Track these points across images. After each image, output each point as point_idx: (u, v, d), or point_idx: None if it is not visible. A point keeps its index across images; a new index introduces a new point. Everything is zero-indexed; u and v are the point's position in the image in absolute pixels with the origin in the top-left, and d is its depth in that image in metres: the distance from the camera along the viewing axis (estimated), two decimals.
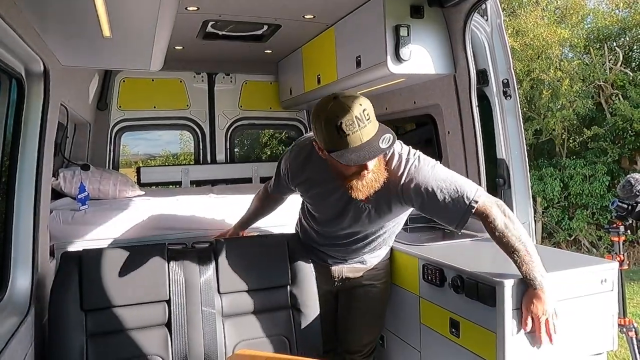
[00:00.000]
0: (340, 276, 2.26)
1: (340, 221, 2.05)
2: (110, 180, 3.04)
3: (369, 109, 1.67)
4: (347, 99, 1.66)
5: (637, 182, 2.30)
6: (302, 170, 2.01)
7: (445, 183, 1.81)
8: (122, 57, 2.00)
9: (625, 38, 9.72)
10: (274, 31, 3.38)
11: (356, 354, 2.33)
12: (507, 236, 1.74)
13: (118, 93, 3.99)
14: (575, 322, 1.81)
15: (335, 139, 1.65)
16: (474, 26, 2.60)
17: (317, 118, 1.70)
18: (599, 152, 8.79)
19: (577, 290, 1.83)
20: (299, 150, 2.04)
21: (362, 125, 1.63)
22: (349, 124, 1.62)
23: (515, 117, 2.60)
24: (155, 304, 1.96)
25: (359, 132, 1.63)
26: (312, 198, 2.08)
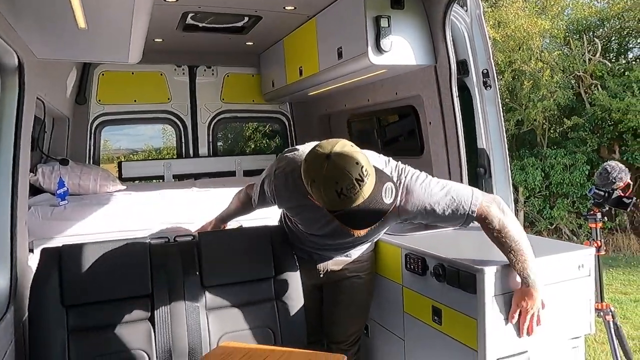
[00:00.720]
0: (325, 270, 2.27)
1: (331, 239, 2.06)
2: (90, 175, 3.00)
3: (365, 163, 1.56)
4: (342, 159, 1.54)
5: (614, 169, 2.34)
6: (293, 199, 1.93)
7: (441, 197, 1.81)
8: (99, 49, 1.97)
9: (604, 29, 9.87)
10: (254, 23, 3.35)
11: (342, 344, 2.35)
12: (504, 236, 1.76)
13: (97, 87, 3.93)
14: (554, 307, 1.84)
15: (337, 202, 1.56)
16: (454, 17, 2.61)
17: (312, 182, 1.59)
18: (579, 141, 8.93)
19: (555, 276, 1.86)
20: (284, 178, 1.92)
21: (363, 184, 1.54)
22: (349, 188, 1.53)
23: (495, 107, 2.63)
24: (138, 298, 1.95)
25: (360, 192, 1.54)
26: (303, 220, 2.05)
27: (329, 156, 1.55)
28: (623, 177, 2.33)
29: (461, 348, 1.84)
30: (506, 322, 1.76)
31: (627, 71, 8.84)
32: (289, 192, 1.91)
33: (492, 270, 1.75)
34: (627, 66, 9.34)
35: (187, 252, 2.06)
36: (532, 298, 1.73)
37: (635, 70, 8.62)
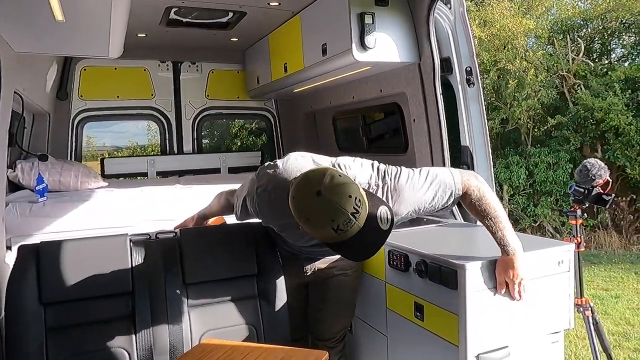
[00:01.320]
0: (312, 269, 2.25)
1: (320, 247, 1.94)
2: (71, 171, 2.96)
3: (357, 193, 1.51)
4: (334, 194, 1.48)
5: (593, 166, 2.37)
6: (277, 216, 1.87)
7: (428, 189, 1.80)
8: (78, 42, 1.93)
9: (587, 29, 10.00)
10: (239, 18, 3.33)
11: (328, 341, 2.34)
12: (484, 204, 1.78)
13: (79, 82, 3.87)
14: (534, 302, 1.86)
15: (333, 237, 1.51)
16: (438, 14, 2.62)
17: (306, 220, 1.52)
18: (562, 140, 9.03)
19: (536, 272, 1.88)
20: (267, 196, 1.84)
21: (358, 215, 1.49)
22: (346, 222, 1.47)
23: (479, 105, 2.64)
24: (118, 296, 1.92)
25: (356, 223, 1.49)
26: (289, 236, 2.00)
27: (319, 192, 1.48)
28: (602, 175, 2.36)
29: (443, 344, 1.86)
30: (487, 318, 1.77)
31: (610, 71, 8.96)
32: (273, 211, 1.85)
33: (473, 266, 1.77)
34: (609, 66, 9.47)
35: (169, 249, 2.04)
36: (514, 267, 1.75)
37: (617, 70, 8.75)
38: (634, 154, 8.17)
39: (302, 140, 4.30)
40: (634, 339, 4.21)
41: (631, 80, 8.54)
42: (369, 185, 1.78)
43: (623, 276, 6.41)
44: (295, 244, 2.07)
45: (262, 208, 1.88)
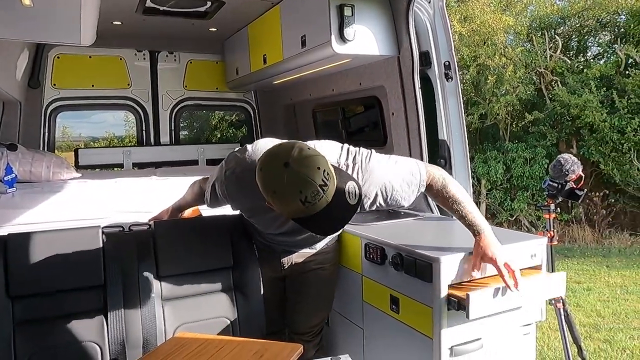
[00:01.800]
0: (289, 262, 2.23)
1: (290, 236, 2.02)
2: (43, 162, 2.89)
3: (325, 166, 1.48)
4: (302, 166, 1.44)
5: (567, 162, 2.41)
6: (246, 199, 1.85)
7: (396, 171, 1.81)
8: (47, 29, 1.86)
9: (565, 27, 10.16)
10: (218, 8, 3.28)
11: (305, 335, 2.34)
12: (449, 190, 1.82)
13: (52, 70, 3.77)
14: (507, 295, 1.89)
15: (301, 210, 1.47)
16: (417, 8, 2.62)
17: (273, 194, 1.48)
18: (539, 136, 9.18)
19: None
20: (236, 179, 1.82)
21: (326, 188, 1.46)
22: (314, 195, 1.44)
23: (456, 99, 2.66)
24: (90, 289, 1.88)
25: (324, 197, 1.46)
26: (259, 222, 1.99)
27: (287, 164, 1.44)
28: (575, 170, 2.40)
29: (417, 336, 1.87)
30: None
31: (586, 69, 9.13)
32: (242, 193, 1.83)
33: (448, 259, 1.78)
34: (585, 64, 9.65)
35: (143, 242, 2.01)
36: (489, 243, 1.75)
37: (593, 68, 8.92)
38: (607, 150, 8.36)
39: (282, 132, 4.27)
40: (604, 330, 4.32)
41: (606, 77, 8.71)
42: (339, 164, 1.76)
43: (595, 269, 6.57)
44: (265, 231, 2.05)
45: (231, 191, 1.86)
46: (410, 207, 2.71)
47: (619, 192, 8.74)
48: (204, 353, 1.54)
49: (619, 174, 8.34)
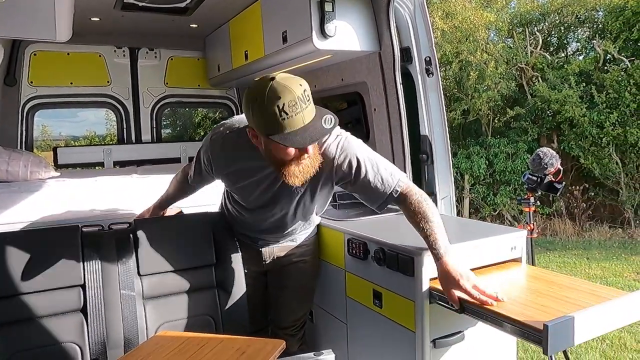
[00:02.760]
0: (271, 256, 2.25)
1: (272, 209, 2.00)
2: (20, 161, 2.82)
3: (308, 90, 1.56)
4: (286, 80, 1.53)
5: (545, 155, 2.45)
6: (230, 162, 1.88)
7: (375, 162, 1.81)
8: (21, 24, 1.82)
9: (545, 23, 10.30)
10: (198, 3, 3.25)
11: (288, 329, 2.35)
12: (423, 207, 1.75)
13: (29, 67, 3.70)
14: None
15: (277, 122, 1.52)
16: (398, 4, 2.63)
17: (254, 102, 1.55)
18: (521, 131, 9.30)
19: (489, 258, 1.93)
20: (222, 141, 1.87)
21: (304, 106, 1.52)
22: (291, 105, 1.49)
23: (437, 95, 2.68)
24: (69, 289, 1.85)
25: (301, 114, 1.52)
26: (241, 190, 1.97)
27: (273, 78, 1.54)
28: (554, 163, 2.44)
29: (400, 330, 1.88)
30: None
31: (565, 64, 9.27)
32: (224, 154, 1.88)
33: (429, 252, 1.78)
34: (565, 59, 9.80)
35: (122, 240, 1.98)
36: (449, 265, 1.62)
37: (572, 63, 9.06)
38: (587, 144, 8.51)
39: None
40: None
41: (585, 73, 8.86)
42: None
43: (576, 262, 6.70)
44: (247, 204, 2.03)
45: (215, 151, 1.89)
46: None
47: (599, 186, 8.91)
48: (185, 351, 1.53)
49: (599, 168, 8.50)
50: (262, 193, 1.93)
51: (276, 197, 1.93)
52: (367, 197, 1.86)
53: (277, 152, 1.65)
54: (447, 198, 2.73)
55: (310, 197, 1.95)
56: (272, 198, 1.94)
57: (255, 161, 1.82)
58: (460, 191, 9.20)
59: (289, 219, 2.06)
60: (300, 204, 1.97)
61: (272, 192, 1.91)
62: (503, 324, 1.53)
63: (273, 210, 2.00)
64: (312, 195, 1.94)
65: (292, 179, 1.70)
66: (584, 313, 1.46)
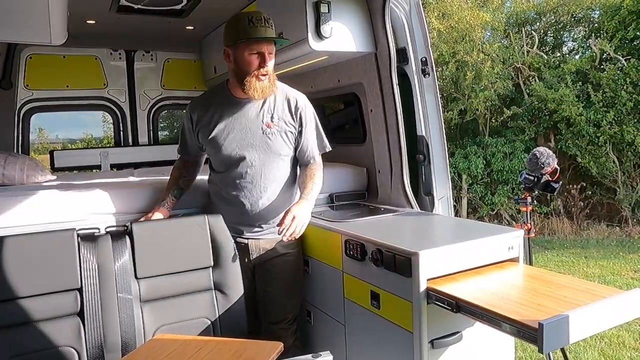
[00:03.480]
0: (257, 248, 2.30)
1: (244, 157, 2.18)
2: (16, 164, 2.81)
3: (272, 23, 2.10)
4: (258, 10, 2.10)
5: (542, 155, 2.45)
6: (207, 106, 2.22)
7: (317, 123, 2.34)
8: (15, 27, 1.81)
9: (541, 23, 10.32)
10: (194, 5, 3.24)
11: (281, 323, 2.36)
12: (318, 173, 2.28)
13: (25, 71, 3.69)
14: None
15: (245, 28, 2.01)
16: (394, 4, 2.63)
17: (230, 21, 2.08)
18: (518, 130, 9.31)
19: (487, 257, 1.93)
20: (198, 96, 2.34)
21: (267, 25, 2.05)
22: (258, 19, 2.02)
23: (434, 95, 2.68)
24: (65, 292, 1.84)
25: (264, 28, 2.03)
26: (217, 136, 2.19)
27: None
28: (550, 162, 2.44)
29: (398, 331, 1.88)
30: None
31: (562, 64, 9.29)
32: (203, 100, 2.26)
33: (427, 253, 1.79)
34: (561, 59, 9.82)
35: (119, 243, 1.97)
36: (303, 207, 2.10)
37: (569, 63, 9.08)
38: (584, 143, 8.52)
39: None
40: None
41: (581, 72, 8.88)
42: None
43: (574, 260, 6.70)
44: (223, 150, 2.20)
45: (195, 103, 2.27)
46: (390, 202, 2.74)
47: (596, 185, 8.92)
48: (182, 354, 1.53)
49: (596, 167, 8.51)
50: (235, 134, 2.18)
51: (247, 136, 2.18)
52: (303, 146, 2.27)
53: (242, 63, 2.07)
54: (444, 198, 2.73)
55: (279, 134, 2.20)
56: (243, 138, 2.18)
57: (228, 99, 2.20)
58: (458, 191, 9.21)
59: (265, 172, 2.22)
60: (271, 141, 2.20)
61: (242, 130, 2.18)
62: (499, 323, 1.54)
63: (247, 158, 2.19)
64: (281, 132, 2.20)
65: (252, 91, 2.09)
66: (579, 311, 1.46)
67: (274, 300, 2.34)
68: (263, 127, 2.18)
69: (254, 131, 2.18)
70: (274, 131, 2.19)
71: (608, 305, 1.51)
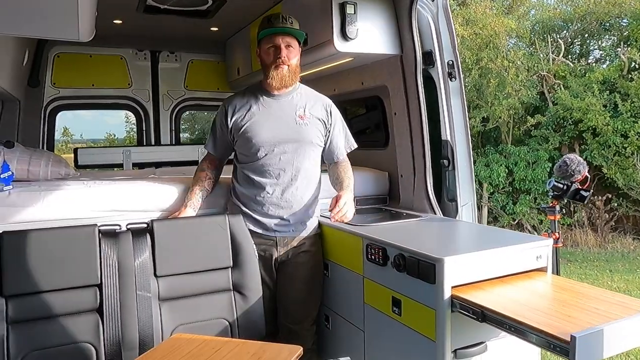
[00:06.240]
0: (285, 245, 2.30)
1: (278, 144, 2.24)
2: (41, 160, 2.83)
3: (296, 23, 2.25)
4: None
5: (572, 162, 2.37)
6: (243, 100, 2.31)
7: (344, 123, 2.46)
8: (44, 23, 1.82)
9: (567, 31, 10.15)
10: (219, 6, 3.25)
11: (303, 322, 2.34)
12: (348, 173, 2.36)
13: (52, 69, 3.75)
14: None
15: (263, 28, 2.22)
16: (420, 6, 2.59)
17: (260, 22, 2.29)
18: (542, 139, 9.15)
19: (514, 266, 1.87)
20: (235, 94, 2.42)
21: (284, 22, 2.20)
22: (275, 18, 2.20)
23: (460, 99, 2.62)
24: (85, 288, 1.84)
25: (280, 24, 2.19)
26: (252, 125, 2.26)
27: None
28: (581, 170, 2.36)
29: (420, 339, 1.83)
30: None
31: (588, 72, 9.11)
32: (239, 97, 2.34)
33: (452, 260, 1.73)
34: (587, 67, 9.63)
35: (140, 240, 1.97)
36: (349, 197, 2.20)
37: (596, 71, 8.89)
38: (610, 154, 8.32)
39: None
40: None
41: (609, 81, 8.68)
42: None
43: (598, 274, 6.53)
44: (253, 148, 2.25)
45: (232, 99, 2.35)
46: (413, 207, 2.68)
47: (622, 196, 8.69)
48: (200, 355, 1.50)
49: (622, 178, 8.30)
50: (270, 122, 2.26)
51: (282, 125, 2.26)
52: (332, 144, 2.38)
53: (263, 57, 2.25)
54: (468, 205, 2.67)
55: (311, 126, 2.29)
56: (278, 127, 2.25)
57: (260, 93, 2.30)
58: (479, 199, 9.07)
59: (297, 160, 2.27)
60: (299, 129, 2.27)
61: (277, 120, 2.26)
62: (527, 333, 1.48)
63: (281, 146, 2.24)
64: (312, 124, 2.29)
65: (272, 79, 2.22)
66: (614, 325, 1.40)
67: (297, 298, 2.32)
68: (296, 119, 2.27)
69: (288, 122, 2.27)
70: (307, 122, 2.29)
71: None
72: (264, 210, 2.26)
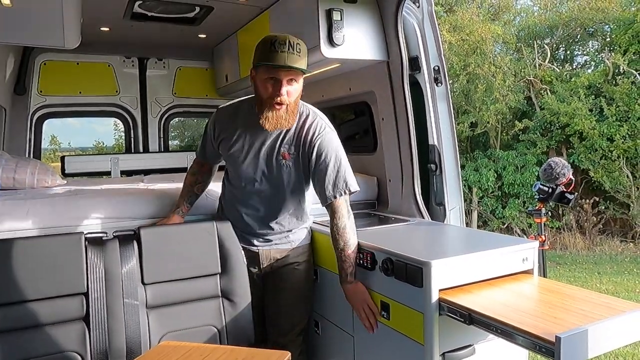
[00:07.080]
0: (268, 258, 2.24)
1: (261, 181, 2.12)
2: (27, 168, 2.81)
3: (304, 48, 1.90)
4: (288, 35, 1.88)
5: (557, 165, 2.40)
6: (232, 120, 2.12)
7: (341, 161, 2.04)
8: (30, 30, 1.82)
9: (552, 37, 10.29)
10: (206, 14, 3.26)
11: (288, 335, 2.30)
12: (343, 235, 2.03)
13: (38, 77, 3.73)
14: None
15: (265, 52, 1.85)
16: (406, 12, 2.62)
17: (257, 46, 1.90)
18: (529, 144, 9.25)
19: (500, 269, 1.88)
20: (227, 106, 2.18)
21: (291, 51, 1.83)
22: (281, 43, 1.83)
23: (446, 104, 2.65)
24: (71, 297, 1.82)
25: (286, 54, 1.82)
26: (235, 154, 2.12)
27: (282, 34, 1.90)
28: (566, 173, 2.40)
29: (409, 342, 1.83)
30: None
31: (574, 77, 9.24)
32: (228, 115, 2.14)
33: (439, 263, 1.74)
34: (573, 72, 9.77)
35: (127, 248, 1.95)
36: (358, 288, 2.02)
37: (581, 76, 9.02)
38: (597, 157, 8.43)
39: None
40: None
41: (594, 86, 8.81)
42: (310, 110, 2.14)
43: (586, 276, 6.58)
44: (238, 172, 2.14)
45: (220, 113, 2.17)
46: (401, 212, 2.70)
47: (609, 199, 8.80)
48: None
49: (609, 181, 8.41)
50: (252, 157, 2.09)
51: (263, 164, 2.09)
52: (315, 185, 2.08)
53: (259, 86, 1.93)
54: (456, 209, 2.69)
55: (296, 170, 2.09)
56: (260, 164, 2.09)
57: (251, 120, 2.03)
58: (469, 204, 9.13)
59: (275, 202, 2.15)
60: (287, 175, 2.09)
61: (260, 156, 2.08)
62: (514, 335, 1.49)
63: (259, 184, 2.12)
64: (297, 168, 2.09)
65: (264, 120, 1.93)
66: (599, 325, 1.41)
67: (282, 310, 2.28)
68: (279, 158, 2.08)
69: (269, 163, 2.09)
70: (289, 163, 2.08)
71: (629, 319, 1.46)
72: (244, 227, 2.21)
